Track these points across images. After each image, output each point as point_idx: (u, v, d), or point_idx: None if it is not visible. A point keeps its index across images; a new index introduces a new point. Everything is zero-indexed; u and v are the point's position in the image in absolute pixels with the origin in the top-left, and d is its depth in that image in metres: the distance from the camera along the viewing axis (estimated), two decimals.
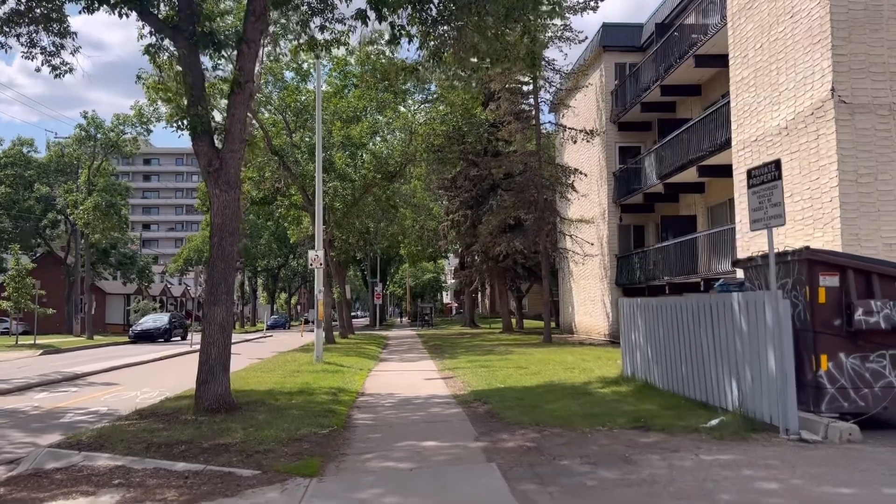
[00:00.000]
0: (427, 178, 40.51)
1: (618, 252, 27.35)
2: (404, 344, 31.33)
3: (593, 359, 17.78)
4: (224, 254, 10.65)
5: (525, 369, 15.80)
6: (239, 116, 11.01)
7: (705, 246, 20.89)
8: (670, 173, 21.94)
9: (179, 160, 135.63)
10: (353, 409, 11.01)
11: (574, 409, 9.78)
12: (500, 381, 13.71)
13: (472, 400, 11.55)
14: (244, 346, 34.05)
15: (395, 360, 22.04)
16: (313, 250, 19.45)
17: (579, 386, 12.25)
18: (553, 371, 14.98)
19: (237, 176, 10.99)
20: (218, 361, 10.48)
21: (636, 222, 27.62)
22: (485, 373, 15.47)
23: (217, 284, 10.57)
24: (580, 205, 29.91)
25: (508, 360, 18.86)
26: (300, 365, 18.53)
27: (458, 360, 19.74)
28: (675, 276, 21.89)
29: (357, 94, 29.47)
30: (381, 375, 16.68)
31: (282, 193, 31.63)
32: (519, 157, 27.68)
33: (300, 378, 15.20)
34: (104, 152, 41.43)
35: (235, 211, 10.87)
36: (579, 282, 31.97)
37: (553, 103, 28.74)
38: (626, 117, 26.79)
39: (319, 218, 19.81)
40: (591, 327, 30.33)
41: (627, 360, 12.60)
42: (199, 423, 9.57)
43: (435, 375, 16.34)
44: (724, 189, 21.60)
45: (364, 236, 37.30)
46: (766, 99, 15.79)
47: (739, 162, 16.98)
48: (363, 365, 19.19)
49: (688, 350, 9.92)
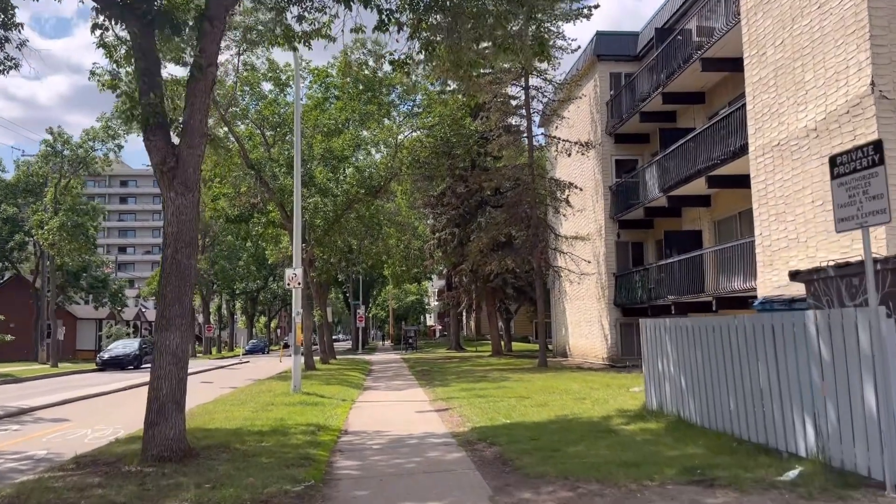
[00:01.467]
0: (412, 195, 39.02)
1: (616, 270, 25.80)
2: (389, 369, 29.47)
3: (601, 386, 16.09)
4: (179, 268, 8.89)
5: (528, 399, 14.07)
6: (199, 107, 9.32)
7: (714, 263, 19.40)
8: (675, 185, 20.49)
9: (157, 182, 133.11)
10: (334, 455, 9.22)
11: (604, 453, 8.07)
12: (504, 414, 11.98)
13: (475, 440, 9.80)
14: (218, 373, 32.01)
15: (381, 388, 20.21)
16: (291, 269, 17.67)
17: (599, 422, 10.54)
18: (561, 402, 13.27)
19: (196, 176, 9.26)
20: (170, 398, 8.68)
21: (635, 239, 26.13)
22: (483, 404, 13.72)
23: (170, 305, 8.79)
24: (575, 221, 28.40)
25: (506, 388, 17.13)
26: (275, 396, 16.67)
27: (451, 389, 17.97)
28: (682, 296, 20.34)
29: (339, 107, 27.89)
30: (366, 408, 14.87)
31: (259, 210, 29.84)
32: (510, 170, 26.16)
33: (274, 413, 13.37)
34: (72, 170, 39.34)
35: (193, 218, 9.13)
36: (574, 302, 30.36)
37: (545, 114, 27.33)
38: (624, 128, 25.40)
39: (298, 234, 18.06)
40: (587, 350, 28.67)
41: (652, 391, 10.94)
42: (144, 476, 7.76)
43: (427, 407, 14.56)
44: (733, 202, 20.18)
45: (346, 256, 35.49)
46: (789, 99, 14.38)
47: (758, 169, 15.53)
48: (346, 395, 17.36)
49: (738, 381, 8.29)
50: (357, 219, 29.65)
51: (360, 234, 31.37)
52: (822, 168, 13.15)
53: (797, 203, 14.12)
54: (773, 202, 14.95)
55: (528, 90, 25.92)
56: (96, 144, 39.35)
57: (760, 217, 15.39)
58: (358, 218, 29.57)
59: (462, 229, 35.63)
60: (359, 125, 26.93)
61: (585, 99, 27.44)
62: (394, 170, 27.02)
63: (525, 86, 25.90)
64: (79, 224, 36.52)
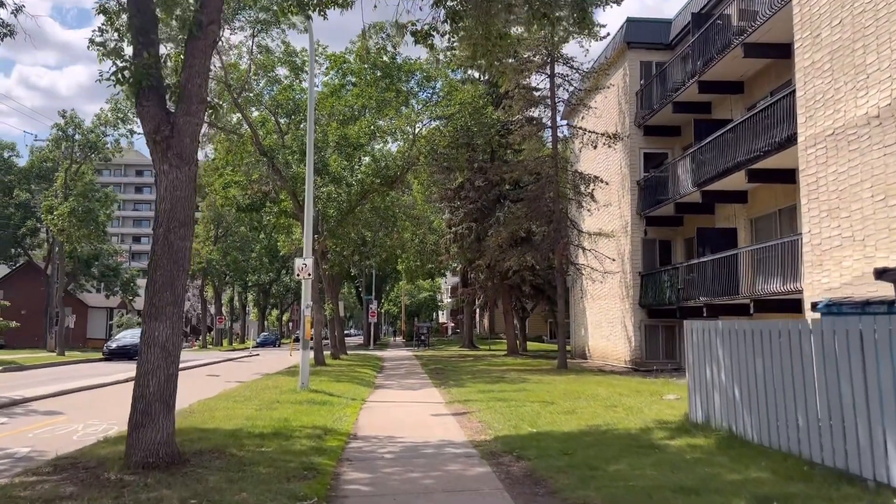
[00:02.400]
0: (428, 189, 37.93)
1: (642, 269, 24.60)
2: (402, 367, 28.44)
3: (630, 392, 14.94)
4: (172, 250, 7.86)
5: (553, 405, 12.96)
6: (199, 69, 8.28)
7: (749, 263, 18.16)
8: (710, 180, 19.27)
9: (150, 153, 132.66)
10: (341, 464, 8.16)
11: (651, 474, 6.97)
12: (529, 422, 10.88)
13: (500, 451, 8.72)
14: (226, 366, 31.12)
15: (393, 386, 19.17)
16: (301, 258, 16.65)
17: (637, 435, 9.41)
18: (591, 410, 12.14)
19: (193, 147, 8.23)
20: (158, 397, 7.65)
21: (662, 237, 24.92)
22: (504, 409, 12.63)
23: (160, 292, 7.76)
24: (598, 217, 27.21)
25: (526, 391, 16.01)
26: (282, 392, 15.66)
27: (467, 390, 16.89)
28: (716, 297, 19.13)
29: (355, 93, 26.83)
30: (377, 409, 13.82)
31: (271, 200, 28.86)
32: (532, 162, 24.99)
33: (279, 412, 12.35)
34: (83, 155, 38.58)
35: (189, 194, 8.10)
36: (595, 302, 29.19)
37: (571, 104, 26.13)
38: (654, 120, 24.17)
39: (309, 221, 17.03)
40: (608, 352, 27.50)
41: (697, 401, 9.80)
42: (123, 487, 6.74)
43: (443, 409, 13.49)
44: (772, 198, 18.97)
45: (360, 249, 34.46)
46: (846, 84, 13.15)
47: (808, 161, 14.30)
48: (356, 393, 16.32)
49: (810, 394, 7.15)
50: (372, 210, 28.61)
51: (375, 225, 30.32)
52: (886, 159, 11.95)
53: (853, 198, 12.90)
54: (826, 197, 13.73)
55: (554, 78, 24.72)
56: (108, 130, 38.54)
57: (810, 213, 14.16)
58: (373, 209, 28.54)
59: (479, 224, 34.48)
60: (376, 113, 25.84)
61: (613, 89, 26.23)
62: (411, 159, 25.92)
63: (550, 73, 24.70)
64: (89, 210, 35.74)
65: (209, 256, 55.38)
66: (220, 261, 56.20)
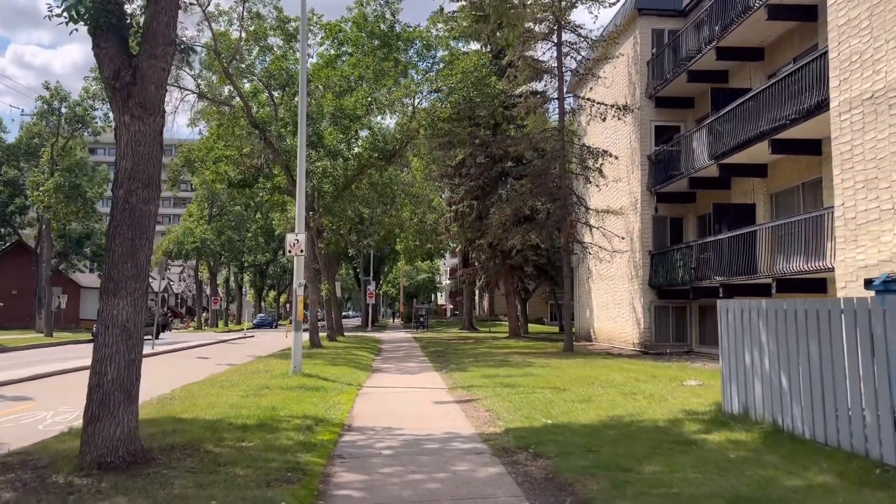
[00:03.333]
0: (427, 166, 36.72)
1: (652, 248, 23.49)
2: (400, 349, 27.43)
3: (647, 378, 13.89)
4: (133, 215, 6.74)
5: (566, 392, 11.91)
6: (166, 4, 7.11)
7: (769, 240, 17.05)
8: (729, 151, 18.12)
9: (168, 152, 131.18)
10: (332, 463, 7.11)
11: (695, 478, 5.91)
12: (542, 411, 9.82)
13: (514, 447, 7.66)
14: (218, 347, 30.10)
15: (392, 370, 18.13)
16: (292, 234, 15.53)
17: (667, 427, 8.36)
18: (608, 397, 11.09)
19: (160, 96, 7.08)
20: (118, 386, 6.58)
21: (674, 214, 23.79)
22: (513, 396, 11.58)
23: (119, 263, 6.66)
24: (606, 194, 26.05)
25: (534, 375, 14.97)
26: (272, 377, 14.63)
27: (470, 374, 15.85)
28: (733, 276, 18.05)
29: (352, 63, 25.53)
30: (374, 395, 12.77)
31: (264, 175, 27.66)
32: (538, 135, 23.76)
33: (267, 399, 11.31)
34: (70, 129, 37.23)
35: (154, 150, 6.96)
36: (601, 282, 28.12)
37: (579, 74, 24.86)
38: (666, 90, 22.96)
39: (302, 192, 15.87)
40: (614, 334, 26.48)
41: (733, 390, 8.73)
42: (70, 492, 5.70)
43: (446, 396, 12.44)
44: (794, 171, 17.85)
45: (357, 227, 33.32)
46: (888, 43, 11.97)
47: (842, 128, 13.14)
48: (352, 378, 15.28)
49: (882, 386, 6.07)
50: (369, 186, 27.44)
51: (373, 202, 29.14)
52: None
53: (894, 167, 11.79)
54: (862, 167, 12.60)
55: (561, 46, 23.43)
56: (97, 103, 37.14)
57: (843, 184, 13.04)
58: (370, 185, 27.36)
59: (481, 202, 33.31)
60: (373, 83, 24.55)
61: (623, 59, 24.96)
62: (410, 133, 24.69)
63: (558, 41, 23.40)
64: (76, 186, 34.47)
65: (203, 236, 54.15)
66: (215, 240, 54.97)
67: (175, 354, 24.51)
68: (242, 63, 26.69)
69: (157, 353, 24.04)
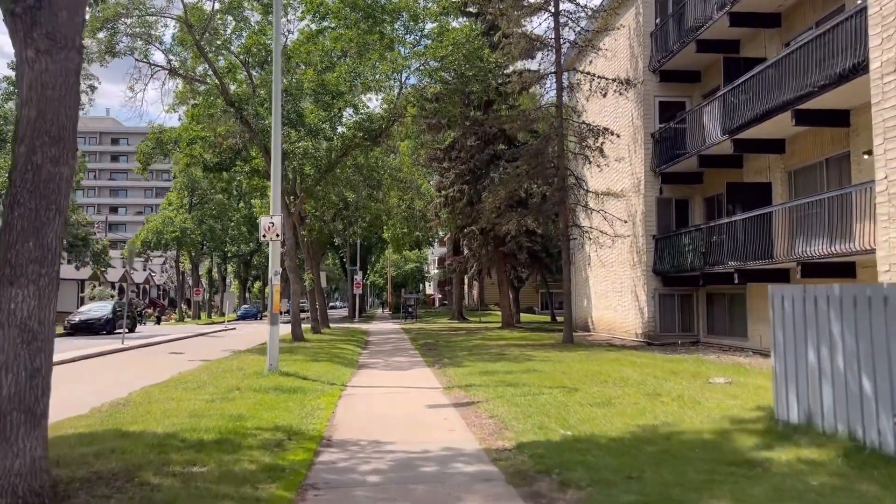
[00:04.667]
0: (415, 151, 35.09)
1: (656, 232, 22.05)
2: (389, 341, 25.89)
3: (665, 374, 12.43)
4: (38, 179, 5.14)
5: (578, 393, 10.42)
6: None
7: (787, 221, 15.63)
8: (746, 125, 16.63)
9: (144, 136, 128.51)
10: (303, 498, 5.56)
11: None
12: (556, 418, 8.33)
13: (532, 470, 6.14)
14: (195, 341, 28.42)
15: (380, 366, 16.60)
16: (267, 216, 13.92)
17: (715, 441, 6.87)
18: (629, 399, 9.61)
19: (74, 27, 5.45)
20: (17, 404, 4.98)
21: (679, 195, 22.32)
22: (519, 398, 10.08)
23: (18, 241, 5.06)
24: (605, 175, 24.56)
25: (538, 371, 13.49)
26: (245, 377, 13.05)
27: (466, 370, 14.35)
28: (749, 261, 16.62)
29: (334, 37, 23.77)
30: (360, 398, 11.22)
31: (242, 158, 25.92)
32: (535, 111, 22.20)
33: (235, 405, 9.75)
34: None
35: (67, 94, 5.35)
36: (600, 269, 26.69)
37: (578, 46, 23.29)
38: (672, 63, 21.43)
39: (277, 168, 14.22)
40: (614, 324, 25.07)
41: (792, 395, 7.26)
42: None
43: (441, 398, 10.92)
44: (816, 146, 16.41)
45: (342, 212, 31.65)
46: None
47: (886, 93, 11.65)
48: (335, 376, 13.74)
49: None
50: (354, 167, 25.77)
51: (358, 185, 27.47)
52: None
53: None
54: None
55: (559, 15, 21.84)
56: None
57: (887, 155, 11.58)
58: (355, 167, 25.71)
59: (472, 186, 31.76)
60: (357, 58, 22.83)
61: (624, 31, 23.41)
62: (397, 111, 23.04)
63: (555, 10, 21.81)
64: None
65: (183, 225, 52.24)
66: (195, 230, 53.05)
67: (146, 350, 22.85)
68: (218, 38, 24.90)
69: (127, 349, 22.38)
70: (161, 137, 25.02)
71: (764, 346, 18.04)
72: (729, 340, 20.05)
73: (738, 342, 19.45)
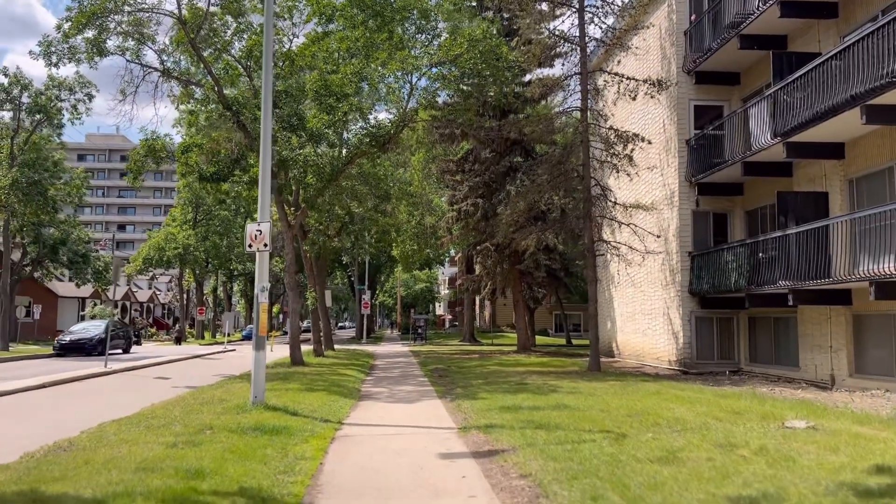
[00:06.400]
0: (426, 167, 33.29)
1: (692, 248, 20.00)
2: (396, 366, 23.84)
3: (724, 413, 10.33)
4: None
5: (628, 440, 8.36)
6: None
7: (847, 235, 13.59)
8: (802, 125, 14.64)
9: None
10: None
11: None
12: (613, 484, 6.27)
13: None
14: (188, 364, 26.41)
15: (383, 398, 14.54)
16: (253, 224, 11.99)
17: None
18: (698, 453, 7.53)
19: None
20: None
21: (716, 208, 20.31)
22: (554, 446, 8.03)
23: None
24: (633, 187, 22.59)
25: (569, 407, 11.41)
26: (224, 411, 11.05)
27: (484, 404, 12.29)
28: (806, 281, 14.52)
29: (339, 37, 22.04)
30: (356, 442, 9.19)
31: (241, 168, 24.11)
32: (559, 115, 20.30)
33: (199, 452, 7.77)
34: (31, 120, 33.64)
35: None
36: (626, 289, 24.61)
37: (605, 44, 21.42)
38: (709, 63, 19.51)
39: (267, 168, 12.29)
40: (643, 350, 22.92)
41: None
42: None
43: (457, 444, 8.87)
44: (886, 148, 14.38)
45: (347, 225, 29.75)
46: None
47: None
48: (330, 410, 11.71)
49: None
50: (360, 177, 23.88)
51: (363, 196, 25.54)
52: None
53: None
54: None
55: (583, 11, 20.00)
56: (63, 94, 33.66)
57: None
58: (361, 176, 23.81)
59: (487, 200, 29.83)
60: (363, 59, 21.03)
61: (653, 30, 21.56)
62: (408, 115, 21.18)
63: (580, 5, 19.99)
64: (34, 182, 30.87)
65: (186, 241, 50.52)
66: (198, 246, 51.29)
67: (130, 374, 20.90)
68: (217, 39, 23.22)
69: (109, 373, 20.42)
70: (154, 145, 23.24)
71: (820, 378, 15.91)
72: (776, 370, 17.90)
73: (787, 372, 17.31)
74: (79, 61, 21.89)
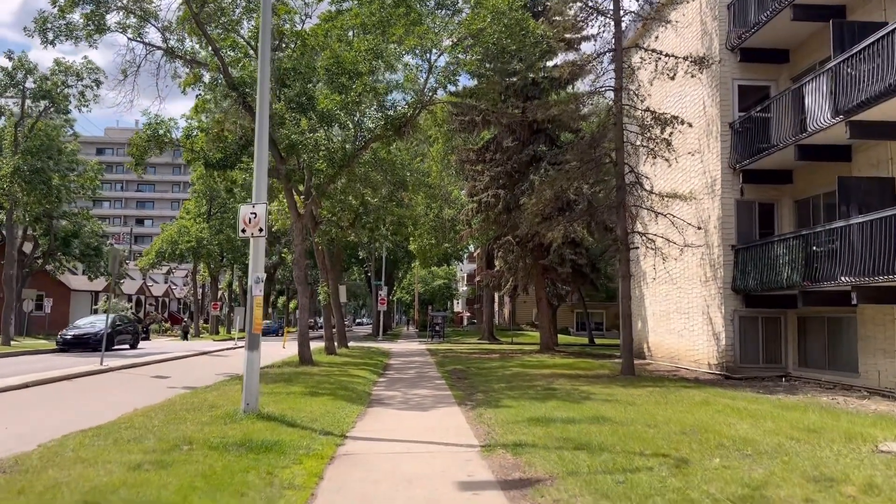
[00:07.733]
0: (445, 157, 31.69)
1: (735, 241, 18.28)
2: (411, 366, 22.34)
3: (799, 432, 8.69)
4: None
5: (691, 467, 6.78)
6: None
7: None
8: (870, 101, 12.91)
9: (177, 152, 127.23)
10: None
11: None
12: None
13: None
14: (193, 361, 25.08)
15: (396, 403, 13.02)
16: (247, 205, 10.51)
17: None
18: (788, 489, 5.94)
19: None
20: None
21: (762, 198, 18.56)
22: (602, 477, 6.48)
23: None
24: (669, 174, 20.90)
25: (609, 421, 9.83)
26: (212, 420, 9.62)
27: (510, 414, 10.75)
28: (874, 276, 12.79)
29: (354, 13, 20.55)
30: (359, 464, 7.66)
31: (248, 153, 22.69)
32: (590, 95, 18.66)
33: (166, 476, 6.37)
34: (36, 106, 32.50)
35: None
36: (659, 286, 22.90)
37: (641, 18, 19.75)
38: (755, 39, 17.75)
39: (264, 139, 10.80)
40: (679, 352, 21.22)
41: None
42: None
43: (480, 469, 7.32)
44: None
45: (361, 216, 28.25)
46: None
47: None
48: (334, 420, 10.20)
49: None
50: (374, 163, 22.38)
51: (378, 184, 24.02)
52: None
53: None
54: None
55: None
56: (70, 80, 32.50)
57: None
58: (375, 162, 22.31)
59: (509, 191, 28.21)
60: (379, 35, 19.51)
61: (694, 3, 19.83)
62: (426, 94, 19.64)
63: None
64: (37, 170, 29.70)
65: (199, 234, 49.40)
66: (212, 239, 50.14)
67: (127, 372, 19.58)
68: (223, 16, 21.82)
69: (105, 371, 19.12)
70: (157, 129, 21.90)
71: (884, 385, 14.17)
72: (830, 375, 16.16)
73: (844, 378, 15.57)
74: (77, 39, 20.59)
